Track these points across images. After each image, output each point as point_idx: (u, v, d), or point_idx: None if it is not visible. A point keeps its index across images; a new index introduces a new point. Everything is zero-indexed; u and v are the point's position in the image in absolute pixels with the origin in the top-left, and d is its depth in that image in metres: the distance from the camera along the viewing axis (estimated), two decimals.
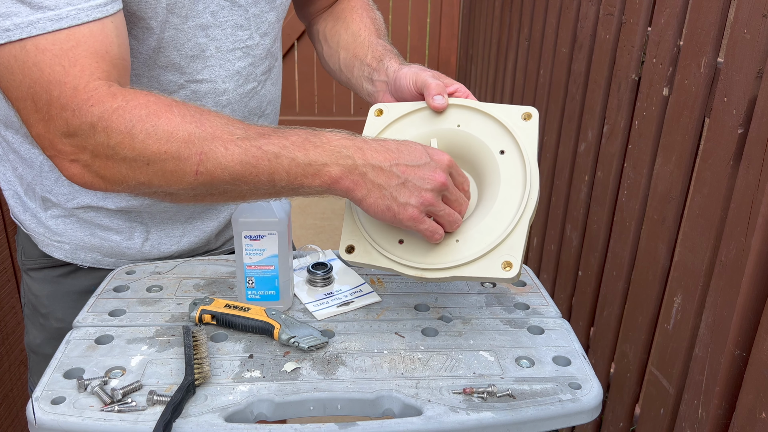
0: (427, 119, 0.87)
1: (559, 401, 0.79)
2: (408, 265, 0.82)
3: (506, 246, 0.78)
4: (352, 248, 0.84)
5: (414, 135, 0.87)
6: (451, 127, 0.86)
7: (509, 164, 0.82)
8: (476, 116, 0.86)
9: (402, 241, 0.83)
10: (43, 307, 1.06)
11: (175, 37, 0.89)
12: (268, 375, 0.83)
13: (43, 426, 0.75)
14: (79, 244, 1.03)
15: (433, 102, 0.88)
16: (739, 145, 1.16)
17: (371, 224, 0.84)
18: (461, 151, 0.86)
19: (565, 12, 2.04)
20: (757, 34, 1.11)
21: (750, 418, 1.09)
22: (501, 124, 0.84)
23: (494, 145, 0.84)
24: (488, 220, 0.80)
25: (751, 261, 1.10)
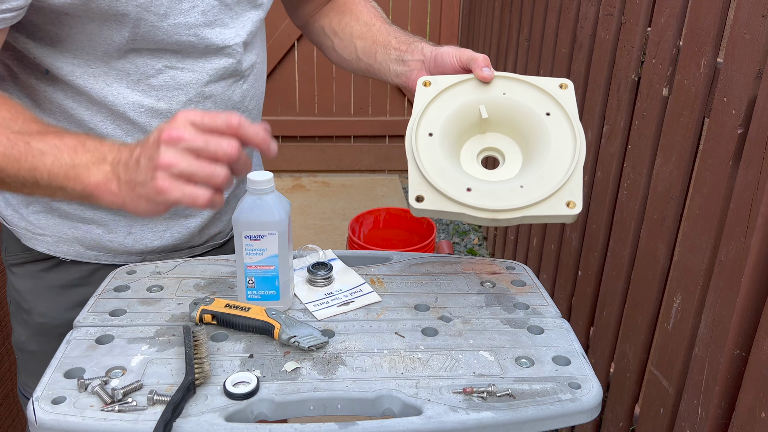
0: (473, 89, 0.95)
1: (558, 401, 0.80)
2: (479, 207, 0.86)
3: (567, 189, 0.87)
4: (421, 197, 0.87)
5: (462, 102, 0.94)
6: (497, 95, 0.94)
7: (556, 123, 0.92)
8: (519, 85, 0.95)
9: (470, 189, 0.87)
10: (25, 302, 1.06)
11: (151, 33, 0.90)
12: (269, 375, 0.83)
13: (43, 426, 0.75)
14: (61, 237, 1.02)
15: (482, 73, 0.94)
16: (738, 145, 1.16)
17: (439, 174, 0.88)
18: (508, 115, 0.94)
19: (564, 12, 2.05)
20: (756, 35, 1.11)
21: (750, 418, 1.09)
22: (543, 91, 0.94)
23: (539, 108, 0.93)
24: (546, 168, 0.89)
25: (751, 261, 1.11)
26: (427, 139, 0.91)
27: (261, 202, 0.91)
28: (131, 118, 0.94)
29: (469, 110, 0.94)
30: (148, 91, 0.94)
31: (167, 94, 0.95)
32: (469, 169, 0.93)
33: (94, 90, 0.91)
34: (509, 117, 0.94)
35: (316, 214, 3.52)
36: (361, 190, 3.84)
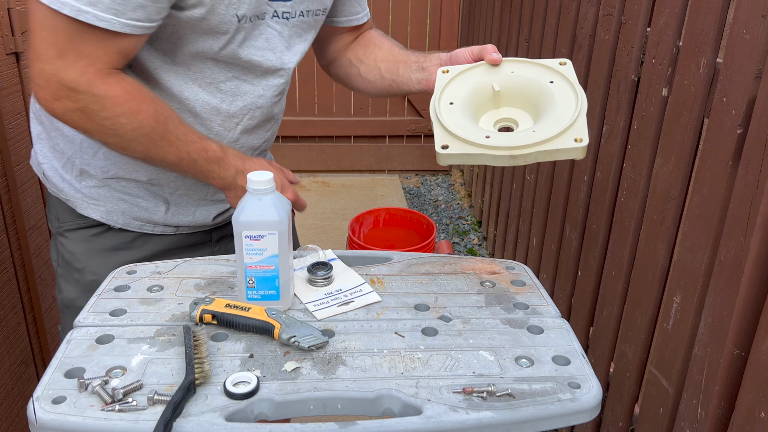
0: (485, 72, 1.10)
1: (558, 401, 0.80)
2: (498, 147, 0.97)
3: (574, 128, 0.99)
4: (446, 146, 0.98)
5: (476, 82, 1.08)
6: (507, 74, 1.09)
7: (559, 87, 1.06)
8: (524, 65, 1.10)
9: (488, 136, 0.99)
10: (78, 262, 1.20)
11: (234, 50, 1.09)
12: (269, 374, 0.83)
13: (44, 425, 0.75)
14: (112, 208, 1.18)
15: (491, 57, 1.10)
16: (738, 145, 1.16)
17: (460, 127, 1.00)
18: (518, 88, 1.08)
19: (564, 12, 2.05)
20: (756, 35, 1.11)
21: (749, 418, 1.09)
22: (545, 67, 1.08)
23: (544, 79, 1.07)
24: (555, 116, 1.01)
25: (750, 261, 1.11)
26: (448, 106, 1.04)
27: (261, 202, 0.91)
28: (198, 112, 1.12)
29: (483, 88, 1.08)
30: (215, 93, 1.12)
31: (230, 98, 1.13)
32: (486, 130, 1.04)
33: (174, 86, 1.09)
34: (518, 90, 1.08)
35: (316, 214, 3.52)
36: (361, 190, 3.84)
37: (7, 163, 1.43)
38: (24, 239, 1.50)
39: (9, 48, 1.43)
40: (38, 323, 1.59)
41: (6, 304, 1.45)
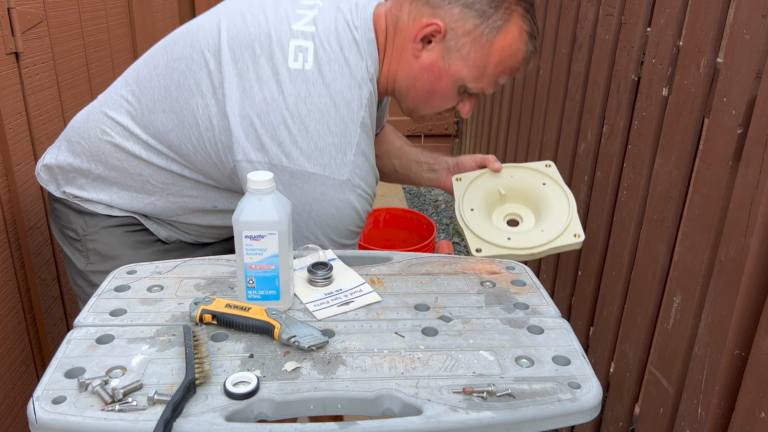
0: (490, 178, 1.37)
1: (558, 401, 0.80)
2: (520, 248, 1.23)
3: (572, 226, 1.26)
4: (479, 249, 1.23)
5: (485, 188, 1.36)
6: (507, 179, 1.37)
7: (551, 188, 1.34)
8: (519, 170, 1.37)
9: (510, 238, 1.25)
10: (114, 250, 1.30)
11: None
12: (269, 374, 0.83)
13: (44, 425, 0.75)
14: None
15: (495, 166, 1.36)
16: (738, 145, 1.16)
17: (487, 233, 1.26)
18: (518, 189, 1.36)
19: (564, 12, 2.05)
20: (756, 35, 1.11)
21: (749, 418, 1.09)
22: (537, 171, 1.36)
23: (537, 182, 1.35)
24: (554, 215, 1.29)
25: (751, 261, 1.11)
26: (470, 213, 1.30)
27: (261, 202, 0.91)
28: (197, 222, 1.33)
29: (491, 191, 1.35)
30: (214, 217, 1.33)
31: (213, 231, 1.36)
32: (501, 228, 1.31)
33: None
34: (519, 191, 1.36)
35: None
36: None
37: (7, 163, 1.43)
38: (24, 239, 1.50)
39: (9, 48, 1.42)
40: (38, 323, 1.59)
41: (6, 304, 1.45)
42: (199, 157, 1.19)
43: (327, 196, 1.12)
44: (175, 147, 1.20)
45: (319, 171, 1.11)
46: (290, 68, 1.12)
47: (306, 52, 1.13)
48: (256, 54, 1.13)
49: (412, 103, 1.26)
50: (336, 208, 1.14)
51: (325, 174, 1.11)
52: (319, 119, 1.10)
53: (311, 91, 1.11)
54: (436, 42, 1.17)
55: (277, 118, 1.10)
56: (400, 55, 1.20)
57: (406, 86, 1.23)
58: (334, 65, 1.12)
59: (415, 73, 1.20)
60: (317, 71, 1.12)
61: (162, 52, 1.23)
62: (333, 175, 1.12)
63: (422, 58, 1.19)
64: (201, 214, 1.31)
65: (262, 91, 1.11)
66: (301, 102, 1.11)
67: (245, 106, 1.12)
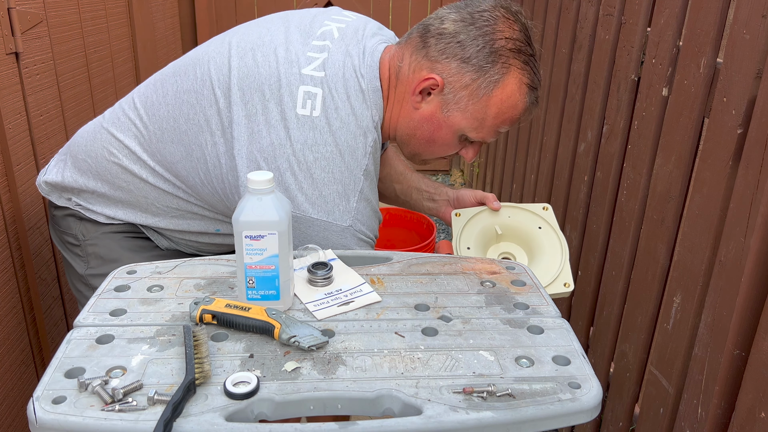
0: (488, 216, 1.42)
1: (558, 401, 0.80)
2: None
3: (562, 275, 1.33)
4: None
5: (483, 225, 1.40)
6: (505, 219, 1.41)
7: (546, 233, 1.39)
8: (517, 211, 1.42)
9: None
10: (114, 253, 1.31)
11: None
12: (269, 374, 0.83)
13: (44, 425, 0.75)
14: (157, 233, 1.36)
15: (494, 206, 1.41)
16: (738, 145, 1.16)
17: None
18: (514, 230, 1.41)
19: (564, 12, 2.05)
20: (756, 35, 1.11)
21: (749, 418, 1.09)
22: (534, 214, 1.41)
23: (533, 225, 1.40)
24: (546, 263, 1.35)
25: (751, 261, 1.11)
26: (466, 251, 1.35)
27: (261, 202, 0.91)
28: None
29: (488, 229, 1.40)
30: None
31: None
32: None
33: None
34: (515, 232, 1.40)
35: None
36: None
37: (7, 163, 1.43)
38: (24, 239, 1.50)
39: (9, 48, 1.43)
40: (38, 323, 1.59)
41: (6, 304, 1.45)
42: (206, 190, 1.21)
43: (329, 241, 1.16)
44: (183, 178, 1.22)
45: (323, 217, 1.14)
46: (298, 114, 1.13)
47: (314, 99, 1.14)
48: (265, 97, 1.15)
49: (413, 149, 1.29)
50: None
51: (329, 220, 1.14)
52: (325, 167, 1.13)
53: (318, 139, 1.13)
54: (435, 94, 1.20)
55: (284, 163, 1.12)
56: (401, 105, 1.23)
57: (407, 135, 1.25)
58: (342, 113, 1.14)
59: (415, 123, 1.23)
60: (324, 119, 1.14)
61: (172, 80, 1.24)
62: (336, 221, 1.15)
63: (422, 110, 1.21)
64: (204, 236, 1.33)
65: (270, 136, 1.13)
66: (308, 149, 1.12)
67: (253, 149, 1.14)
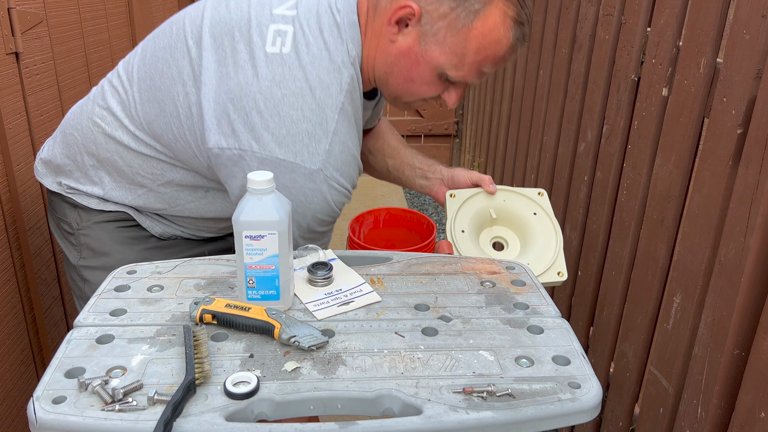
0: (483, 198, 1.38)
1: (558, 401, 0.80)
2: None
3: (556, 264, 1.32)
4: None
5: (478, 208, 1.37)
6: (500, 202, 1.38)
7: (540, 220, 1.36)
8: (513, 195, 1.39)
9: None
10: (105, 247, 1.29)
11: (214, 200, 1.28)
12: (269, 374, 0.83)
13: (44, 425, 0.75)
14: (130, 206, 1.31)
15: (490, 188, 1.37)
16: (738, 145, 1.16)
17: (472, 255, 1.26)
18: (509, 214, 1.37)
19: (564, 12, 2.05)
20: (756, 35, 1.11)
21: (749, 418, 1.09)
22: (529, 199, 1.38)
23: (528, 210, 1.37)
24: (540, 250, 1.33)
25: (751, 261, 1.11)
26: (461, 234, 1.32)
27: (261, 202, 0.91)
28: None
29: (483, 213, 1.37)
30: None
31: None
32: (487, 251, 1.34)
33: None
34: (509, 216, 1.38)
35: None
36: (361, 190, 3.84)
37: (7, 163, 1.43)
38: (24, 239, 1.50)
39: (9, 48, 1.43)
40: (38, 323, 1.59)
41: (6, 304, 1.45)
42: (179, 147, 1.17)
43: (296, 184, 1.09)
44: (159, 137, 1.18)
45: (289, 158, 1.07)
46: (267, 52, 1.08)
47: (285, 36, 1.09)
48: (234, 39, 1.10)
49: (392, 91, 1.20)
50: (305, 196, 1.10)
51: (296, 162, 1.07)
52: (294, 104, 1.06)
53: (287, 74, 1.07)
54: (412, 26, 1.11)
55: (250, 102, 1.07)
56: (378, 40, 1.15)
57: (385, 73, 1.17)
58: (313, 48, 1.08)
59: (392, 58, 1.15)
60: (294, 55, 1.08)
61: (150, 42, 1.21)
62: (304, 164, 1.07)
63: (398, 43, 1.13)
64: (195, 204, 1.28)
65: (237, 76, 1.08)
66: (276, 86, 1.07)
67: (220, 92, 1.09)
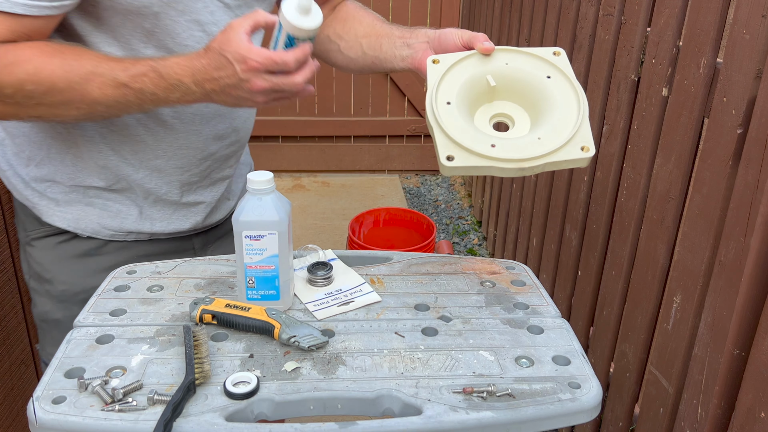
0: (477, 62, 1.04)
1: (558, 401, 0.80)
2: (506, 159, 0.93)
3: (579, 135, 0.96)
4: (451, 156, 0.93)
5: (470, 74, 1.03)
6: (501, 65, 1.03)
7: (557, 84, 1.02)
8: (518, 56, 1.05)
9: (494, 145, 0.94)
10: (47, 272, 1.14)
11: (170, 27, 1.01)
12: (269, 374, 0.83)
13: (44, 425, 0.75)
14: (80, 215, 1.12)
15: (484, 46, 1.03)
16: (738, 145, 1.16)
17: (464, 134, 0.95)
18: (513, 82, 1.03)
19: (564, 12, 2.05)
20: (756, 35, 1.11)
21: (749, 418, 1.09)
22: (541, 58, 1.04)
23: (540, 73, 1.03)
24: (558, 120, 0.98)
25: (750, 261, 1.11)
26: (446, 107, 0.98)
27: (261, 202, 0.91)
28: None
29: (477, 81, 1.02)
30: None
31: None
32: (485, 132, 1.00)
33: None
34: (514, 84, 1.03)
35: (316, 214, 3.52)
36: (361, 190, 3.84)
37: None
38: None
39: None
40: None
41: (6, 304, 1.45)
42: None
43: None
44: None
45: None
46: None
47: None
48: None
49: None
50: None
51: None
52: None
53: None
54: None
55: None
56: None
57: None
58: None
59: None
60: None
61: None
62: None
63: None
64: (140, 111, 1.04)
65: None
66: None
67: None
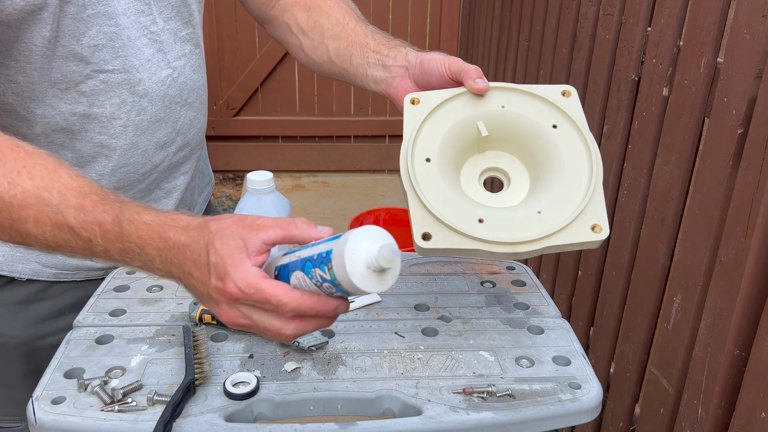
0: (468, 103, 0.85)
1: (558, 401, 0.80)
2: (496, 242, 0.76)
3: (590, 210, 0.78)
4: (428, 235, 0.76)
5: (458, 119, 0.84)
6: (496, 109, 0.84)
7: (565, 137, 0.83)
8: (518, 96, 0.86)
9: (482, 220, 0.77)
10: None
11: (72, 27, 0.84)
12: (269, 375, 0.83)
13: (43, 426, 0.75)
14: (14, 256, 0.96)
15: (476, 85, 0.84)
16: (738, 145, 1.16)
17: (444, 205, 0.78)
18: (510, 130, 0.85)
19: (564, 12, 2.04)
20: (756, 35, 1.11)
21: (750, 418, 1.09)
22: (546, 101, 0.85)
23: (545, 120, 0.84)
24: (563, 189, 0.80)
25: (751, 261, 1.11)
26: (424, 165, 0.80)
27: (261, 202, 0.91)
28: (64, 127, 0.90)
29: (465, 128, 0.84)
30: (78, 98, 0.88)
31: (99, 98, 0.90)
32: (473, 194, 0.83)
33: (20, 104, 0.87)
34: (511, 133, 0.85)
35: (316, 214, 3.52)
36: (361, 190, 3.84)
37: None
38: None
39: None
40: None
41: None
42: None
43: None
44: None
45: None
46: None
47: None
48: None
49: None
50: None
51: None
52: None
53: None
54: None
55: None
56: None
57: None
58: None
59: None
60: None
61: None
62: None
63: None
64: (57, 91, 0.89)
65: None
66: None
67: None
